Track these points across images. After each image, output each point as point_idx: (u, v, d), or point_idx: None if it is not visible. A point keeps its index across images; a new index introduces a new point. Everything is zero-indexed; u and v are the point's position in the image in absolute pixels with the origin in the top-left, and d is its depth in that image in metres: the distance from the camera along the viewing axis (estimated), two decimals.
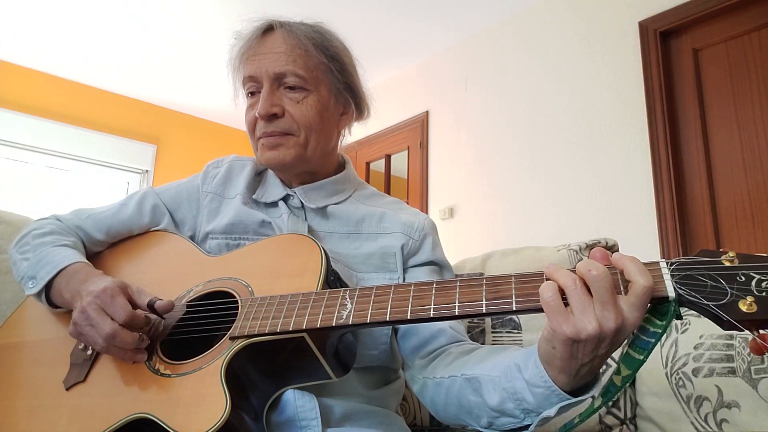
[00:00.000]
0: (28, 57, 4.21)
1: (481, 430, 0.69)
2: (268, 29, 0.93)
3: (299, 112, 0.90)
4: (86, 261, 0.88)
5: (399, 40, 3.85)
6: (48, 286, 0.84)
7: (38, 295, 0.85)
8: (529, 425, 0.62)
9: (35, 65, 4.32)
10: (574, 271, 0.55)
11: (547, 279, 0.57)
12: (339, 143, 1.01)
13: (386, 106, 4.13)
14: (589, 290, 0.53)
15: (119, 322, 0.70)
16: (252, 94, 0.93)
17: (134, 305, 0.74)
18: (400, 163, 4.19)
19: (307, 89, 0.90)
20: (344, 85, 0.95)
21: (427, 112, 3.98)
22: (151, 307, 0.74)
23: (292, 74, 0.89)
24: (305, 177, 0.96)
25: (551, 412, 0.58)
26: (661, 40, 2.71)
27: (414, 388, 0.83)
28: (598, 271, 0.52)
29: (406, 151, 4.11)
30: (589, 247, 1.14)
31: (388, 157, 4.27)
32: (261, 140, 0.91)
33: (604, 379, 1.03)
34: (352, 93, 0.97)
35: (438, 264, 0.94)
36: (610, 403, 1.02)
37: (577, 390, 0.59)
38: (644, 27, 2.77)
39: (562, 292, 0.54)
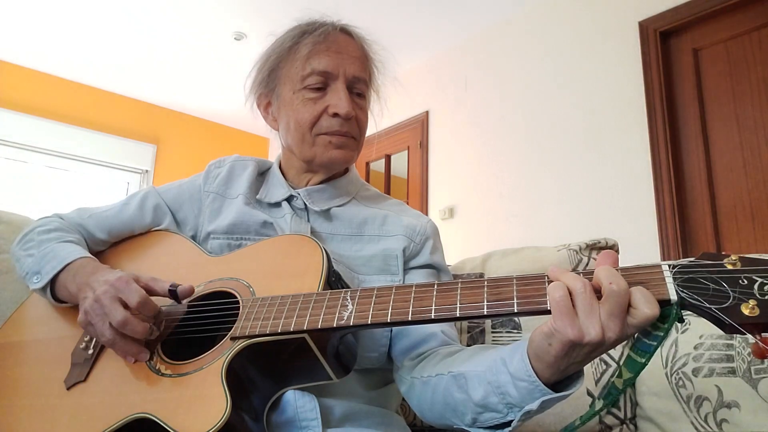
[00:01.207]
0: (28, 57, 4.21)
1: (466, 429, 0.69)
2: (342, 30, 0.95)
3: (363, 118, 0.94)
4: (92, 256, 0.88)
5: (399, 40, 3.85)
6: (53, 281, 0.84)
7: (43, 290, 0.85)
8: (511, 421, 0.62)
9: (35, 65, 4.33)
10: (579, 274, 0.55)
11: (551, 281, 0.57)
12: None
13: (386, 106, 4.13)
14: (595, 294, 0.53)
15: (133, 305, 0.71)
16: (317, 89, 0.90)
17: (150, 293, 0.75)
18: (400, 163, 4.19)
19: (366, 98, 0.95)
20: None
21: (427, 112, 3.98)
22: (172, 291, 0.74)
23: (364, 82, 0.93)
24: (323, 178, 0.97)
25: (533, 406, 0.58)
26: (661, 40, 2.71)
27: (402, 388, 0.83)
28: (619, 287, 0.52)
29: (406, 151, 4.11)
30: (589, 246, 1.14)
31: (388, 157, 4.27)
32: (327, 137, 0.90)
33: (605, 379, 1.03)
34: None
35: (435, 267, 0.94)
36: None
37: (560, 382, 0.59)
38: (644, 27, 2.77)
39: None
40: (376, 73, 0.98)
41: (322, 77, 0.90)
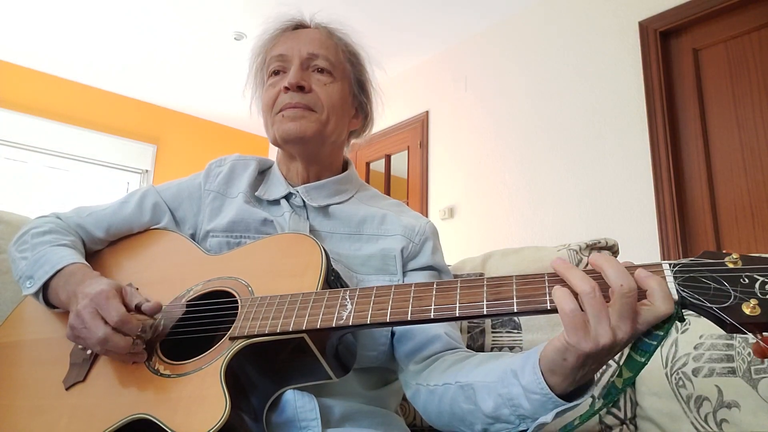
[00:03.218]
0: (28, 57, 4.21)
1: None
2: (301, 26, 0.99)
3: (325, 92, 0.93)
4: (84, 262, 0.87)
5: (399, 40, 3.85)
6: (45, 286, 0.84)
7: (35, 295, 0.85)
8: (524, 431, 0.61)
9: (35, 65, 4.33)
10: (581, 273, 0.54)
11: (551, 280, 0.56)
12: (346, 146, 1.04)
13: (386, 106, 4.14)
14: (603, 296, 0.52)
15: (111, 324, 0.70)
16: (276, 73, 0.94)
17: (128, 307, 0.74)
18: (400, 163, 4.19)
19: (334, 76, 0.95)
20: (360, 90, 1.00)
21: (427, 112, 3.98)
22: (138, 308, 0.73)
23: (323, 58, 0.94)
24: (311, 171, 0.96)
25: (548, 418, 0.58)
26: (661, 40, 2.71)
27: (407, 393, 0.83)
28: (629, 287, 0.51)
29: (406, 151, 4.11)
30: (589, 247, 1.14)
31: (388, 157, 4.27)
32: (282, 112, 0.91)
33: (604, 379, 1.03)
34: (363, 102, 1.02)
35: (437, 269, 0.94)
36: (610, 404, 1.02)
37: (572, 392, 0.59)
38: (644, 27, 2.77)
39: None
40: (346, 56, 0.98)
41: (280, 61, 0.94)
